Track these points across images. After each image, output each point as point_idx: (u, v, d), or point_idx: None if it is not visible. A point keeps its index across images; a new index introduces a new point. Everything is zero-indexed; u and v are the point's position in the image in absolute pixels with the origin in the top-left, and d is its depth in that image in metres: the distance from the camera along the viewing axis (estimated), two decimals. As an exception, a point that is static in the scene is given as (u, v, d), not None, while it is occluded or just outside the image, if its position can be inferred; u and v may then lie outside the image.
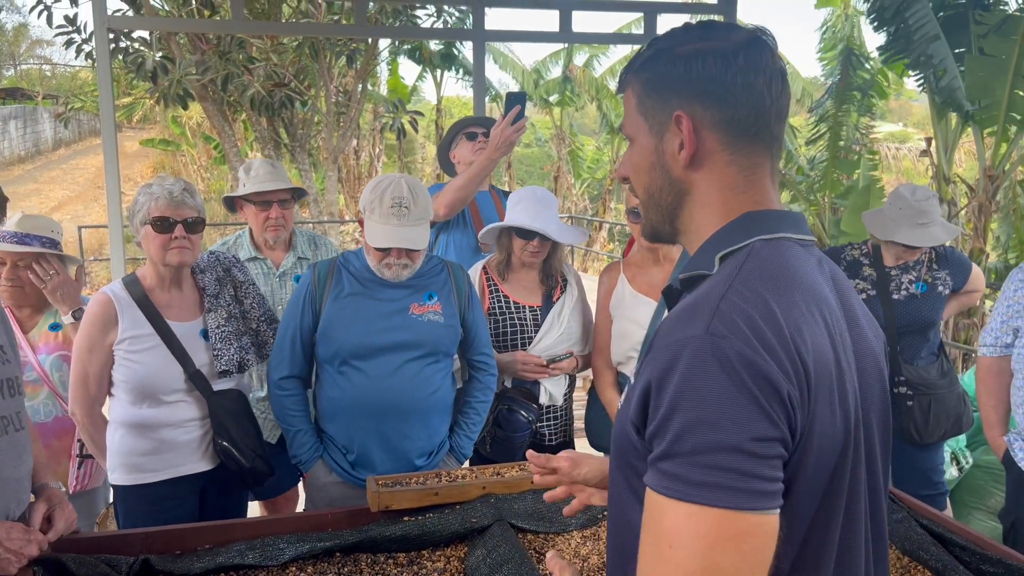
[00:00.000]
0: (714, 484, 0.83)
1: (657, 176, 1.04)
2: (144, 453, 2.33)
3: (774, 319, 0.88)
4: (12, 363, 1.89)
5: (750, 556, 0.84)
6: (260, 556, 1.91)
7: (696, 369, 0.86)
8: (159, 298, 2.36)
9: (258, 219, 2.92)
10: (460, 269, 2.57)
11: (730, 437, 0.84)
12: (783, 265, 0.95)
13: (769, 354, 0.86)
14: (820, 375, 0.89)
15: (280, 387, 2.40)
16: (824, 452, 0.90)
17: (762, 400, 0.84)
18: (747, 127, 0.99)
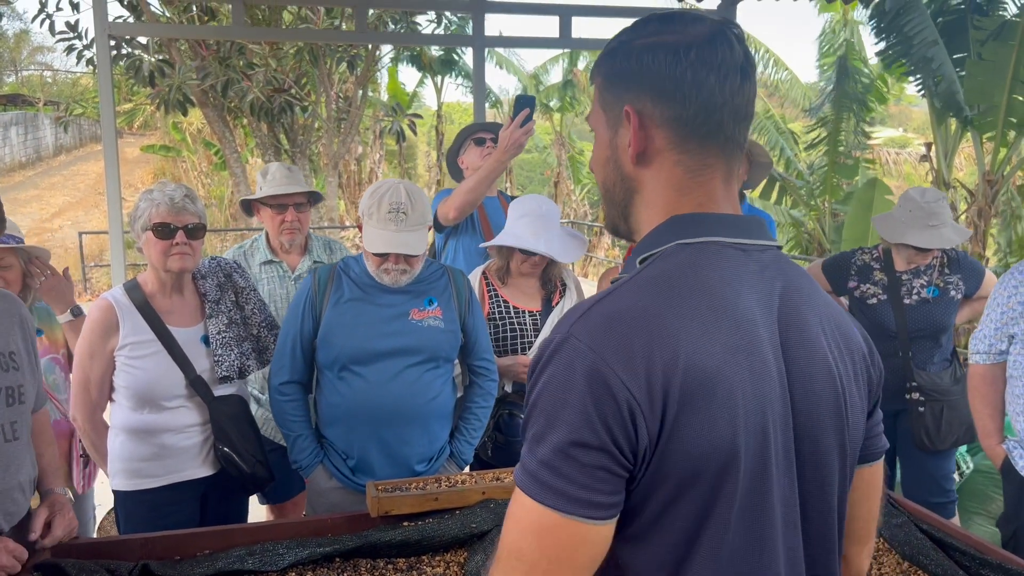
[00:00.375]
0: (532, 475, 0.88)
1: (611, 171, 1.02)
2: (145, 458, 2.33)
3: (644, 328, 0.87)
4: (20, 371, 1.89)
5: (549, 552, 0.88)
6: (260, 561, 1.92)
7: (550, 368, 0.89)
8: (160, 304, 2.36)
9: (274, 222, 2.94)
10: (460, 274, 2.57)
11: (556, 436, 0.87)
12: (690, 269, 0.93)
13: (619, 364, 0.86)
14: (695, 386, 0.87)
15: (281, 392, 2.40)
16: (694, 463, 0.88)
17: (592, 408, 0.85)
18: (697, 126, 0.95)
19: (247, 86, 9.84)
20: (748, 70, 0.96)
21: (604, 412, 0.85)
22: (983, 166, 7.77)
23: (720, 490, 0.89)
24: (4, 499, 1.83)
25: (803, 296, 1.00)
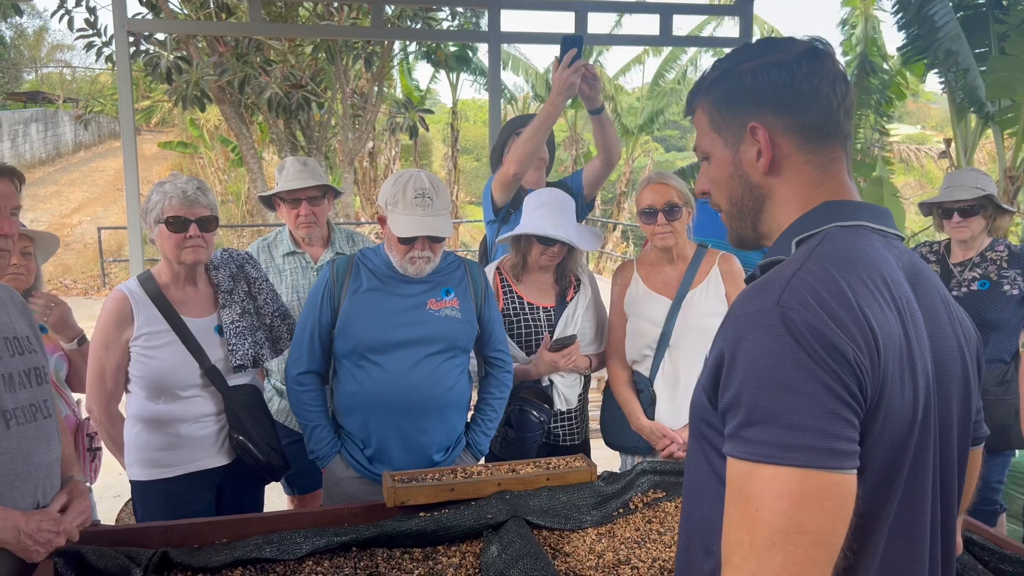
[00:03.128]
0: (793, 445, 0.88)
1: (737, 185, 1.11)
2: (161, 448, 2.35)
3: (843, 294, 0.93)
4: (38, 353, 1.93)
5: (832, 513, 0.88)
6: (277, 550, 1.93)
7: (767, 339, 0.91)
8: (174, 295, 2.38)
9: (290, 216, 2.96)
10: (477, 266, 2.57)
11: (806, 401, 0.88)
12: (856, 248, 1.00)
13: (837, 325, 0.91)
14: (889, 350, 0.93)
15: (298, 383, 2.41)
16: (893, 424, 0.94)
17: (833, 366, 0.89)
18: (819, 128, 1.06)
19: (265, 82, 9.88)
20: (846, 75, 1.09)
21: (843, 370, 0.89)
22: (1004, 162, 7.68)
23: (904, 454, 0.96)
24: (47, 474, 1.87)
25: (930, 284, 1.09)
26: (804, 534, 0.86)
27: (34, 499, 1.84)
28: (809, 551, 0.87)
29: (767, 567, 0.87)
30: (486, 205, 3.46)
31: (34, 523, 1.76)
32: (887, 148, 10.51)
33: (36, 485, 1.85)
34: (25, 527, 1.73)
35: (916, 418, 0.97)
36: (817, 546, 0.87)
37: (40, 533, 1.76)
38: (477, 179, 23.90)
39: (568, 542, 2.05)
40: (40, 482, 1.87)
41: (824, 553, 0.88)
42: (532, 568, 1.77)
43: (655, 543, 2.02)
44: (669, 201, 2.63)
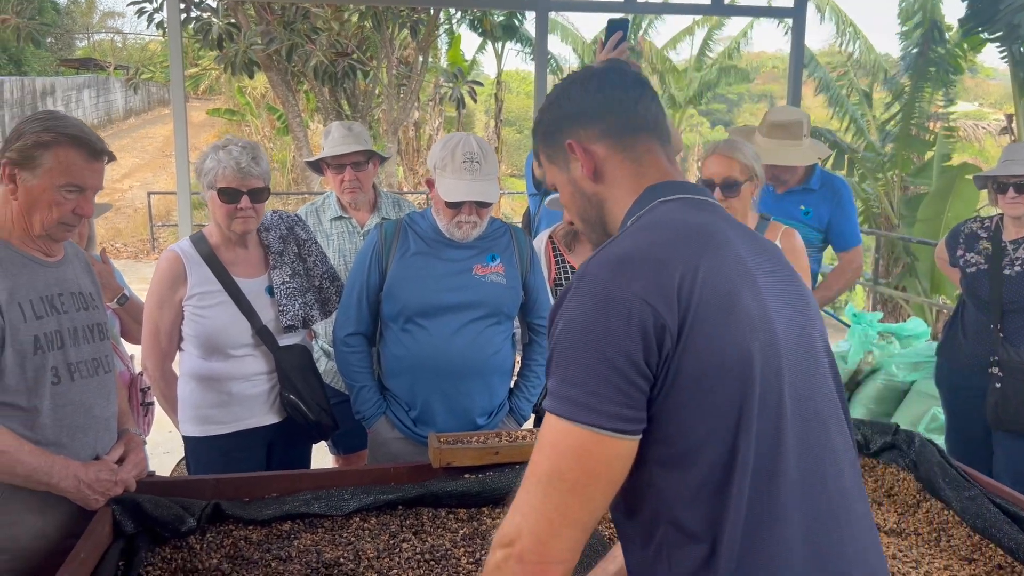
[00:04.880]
0: (565, 398, 1.00)
1: (580, 199, 1.24)
2: (213, 406, 2.40)
3: (647, 255, 1.03)
4: (99, 309, 1.98)
5: (588, 468, 0.99)
6: (325, 506, 1.97)
7: (572, 300, 1.03)
8: (225, 256, 2.41)
9: (335, 181, 2.98)
10: (522, 233, 2.57)
11: (586, 359, 0.99)
12: (679, 215, 1.12)
13: (634, 285, 1.00)
14: (711, 300, 1.01)
15: (346, 344, 2.44)
16: (711, 361, 1.00)
17: (616, 329, 0.99)
18: (623, 128, 1.19)
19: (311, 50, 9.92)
20: (644, 83, 1.23)
21: (638, 337, 0.98)
22: (1067, 138, 7.41)
23: (745, 399, 1.01)
24: (106, 427, 1.94)
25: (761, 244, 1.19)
26: (563, 481, 1.00)
27: (93, 450, 1.90)
28: (564, 497, 1.00)
29: (531, 500, 1.02)
30: (528, 177, 3.45)
31: (93, 473, 1.82)
32: (950, 122, 10.17)
33: (96, 437, 1.91)
34: (84, 476, 1.79)
35: (751, 374, 1.02)
36: (571, 494, 0.99)
37: (98, 483, 1.82)
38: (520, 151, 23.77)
39: (612, 508, 2.05)
40: (99, 434, 1.93)
41: (577, 502, 1.00)
42: (576, 532, 1.78)
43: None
44: (728, 177, 2.49)
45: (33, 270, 1.82)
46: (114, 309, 2.73)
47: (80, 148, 1.78)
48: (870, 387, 4.58)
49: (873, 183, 9.54)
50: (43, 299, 1.82)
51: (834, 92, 10.90)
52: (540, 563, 1.01)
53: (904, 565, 1.77)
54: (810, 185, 3.31)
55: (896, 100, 9.49)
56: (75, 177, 1.78)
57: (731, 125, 29.86)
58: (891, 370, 4.50)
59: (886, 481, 2.18)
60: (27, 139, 1.76)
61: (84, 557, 1.64)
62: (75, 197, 1.80)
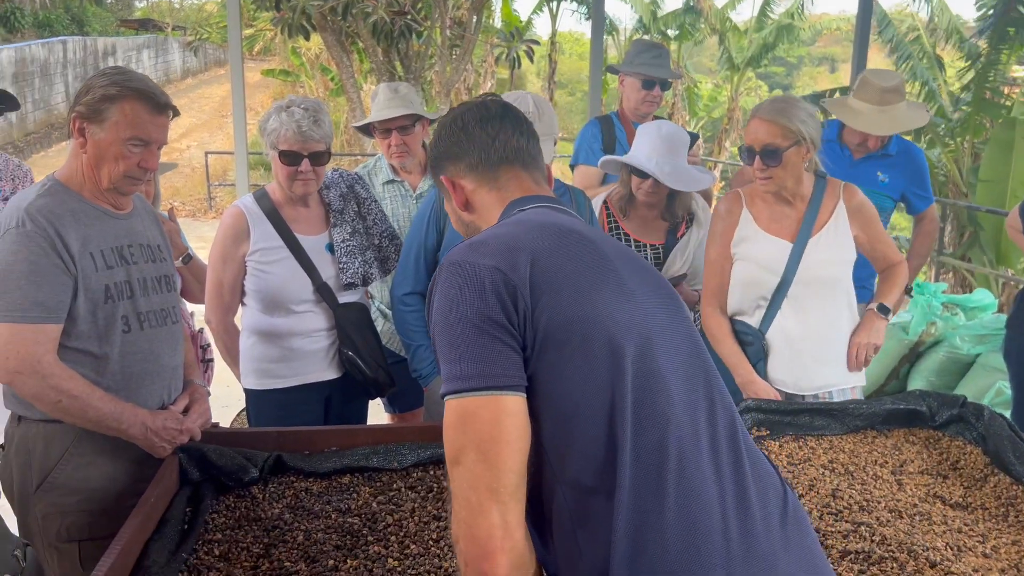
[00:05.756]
0: (447, 375, 1.06)
1: (461, 226, 1.37)
2: (274, 360, 2.45)
3: (505, 240, 1.13)
4: (167, 262, 2.03)
5: (478, 433, 1.03)
6: (384, 460, 1.99)
7: (437, 285, 1.13)
8: (287, 213, 2.44)
9: (383, 146, 2.95)
10: (581, 194, 2.53)
11: (456, 329, 1.06)
12: (534, 216, 1.23)
13: (493, 261, 1.09)
14: (544, 269, 1.10)
15: (403, 303, 2.46)
16: (559, 321, 1.07)
17: (482, 298, 1.06)
18: (483, 163, 1.30)
19: (371, 5, 9.88)
20: (505, 113, 1.34)
21: (492, 298, 1.06)
22: None
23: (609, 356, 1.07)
24: (173, 376, 2.00)
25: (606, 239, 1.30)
26: (465, 454, 1.03)
27: (160, 399, 1.96)
28: (470, 470, 1.02)
29: (454, 479, 1.05)
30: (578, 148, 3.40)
31: (160, 421, 1.87)
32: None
33: (163, 386, 1.97)
34: (152, 424, 1.85)
35: (611, 333, 1.08)
36: (476, 464, 1.02)
37: (165, 430, 1.87)
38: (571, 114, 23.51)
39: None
40: (167, 383, 1.98)
41: (484, 470, 1.02)
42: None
43: (757, 479, 1.99)
44: (769, 144, 2.25)
45: (104, 222, 1.87)
46: (177, 268, 2.79)
47: (145, 102, 1.81)
48: (931, 359, 4.46)
49: (942, 149, 9.19)
50: (113, 250, 1.86)
51: (904, 54, 10.48)
52: (477, 550, 1.01)
53: (970, 539, 1.72)
54: (888, 151, 3.20)
55: (971, 63, 9.08)
56: (140, 131, 1.81)
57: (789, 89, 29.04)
58: (955, 342, 4.36)
59: (951, 454, 2.12)
60: (95, 93, 1.79)
61: (154, 502, 1.69)
62: (140, 151, 1.83)
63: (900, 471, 2.03)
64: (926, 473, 2.03)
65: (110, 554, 1.45)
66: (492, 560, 1.00)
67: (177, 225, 2.69)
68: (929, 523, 1.78)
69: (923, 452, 2.14)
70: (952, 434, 2.20)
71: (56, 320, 1.75)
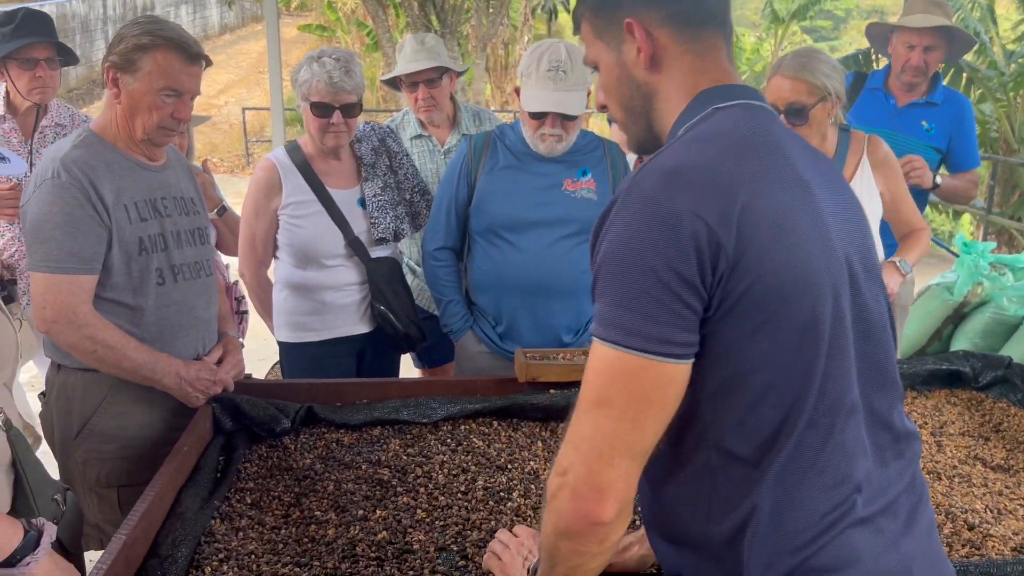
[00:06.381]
0: (613, 323, 0.95)
1: (626, 86, 1.12)
2: (307, 313, 2.46)
3: (702, 169, 0.96)
4: (201, 215, 2.04)
5: (637, 394, 0.95)
6: (414, 413, 2.00)
7: (619, 216, 0.97)
8: (319, 166, 2.42)
9: (410, 99, 2.91)
10: (616, 147, 2.48)
11: (635, 283, 0.93)
12: (734, 126, 1.03)
13: (688, 199, 0.93)
14: (762, 218, 0.95)
15: (434, 258, 2.44)
16: (771, 286, 0.95)
17: (668, 246, 0.92)
18: (692, 16, 1.07)
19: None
20: None
21: (690, 252, 0.92)
22: None
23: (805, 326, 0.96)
24: (207, 328, 2.02)
25: (826, 161, 1.15)
26: (611, 408, 0.96)
27: (195, 350, 1.98)
28: (613, 423, 0.96)
29: (581, 430, 0.99)
30: None
31: (193, 371, 1.89)
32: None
33: (197, 337, 1.99)
34: (186, 374, 1.87)
35: (809, 300, 0.97)
36: (620, 421, 0.96)
37: (199, 381, 1.89)
38: (610, 69, 23.06)
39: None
40: (201, 335, 2.00)
41: (628, 428, 0.96)
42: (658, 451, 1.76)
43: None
44: (794, 102, 2.18)
45: (137, 173, 1.87)
46: (212, 220, 2.80)
47: (177, 51, 1.80)
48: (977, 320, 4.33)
49: (993, 104, 8.86)
50: (147, 202, 1.87)
51: (955, 4, 10.06)
52: (592, 493, 0.98)
53: (1011, 502, 1.68)
54: (933, 98, 3.09)
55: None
56: (173, 81, 1.80)
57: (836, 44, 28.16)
58: (1001, 303, 4.23)
59: (994, 416, 2.07)
60: (127, 43, 1.79)
61: (187, 450, 1.72)
62: (173, 101, 1.82)
63: (940, 432, 1.99)
64: (967, 435, 1.98)
65: (144, 499, 1.48)
66: (604, 507, 0.97)
67: (211, 177, 2.70)
68: (969, 485, 1.74)
69: (965, 414, 2.09)
70: (996, 396, 2.15)
71: (91, 271, 1.77)
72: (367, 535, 1.52)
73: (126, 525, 1.39)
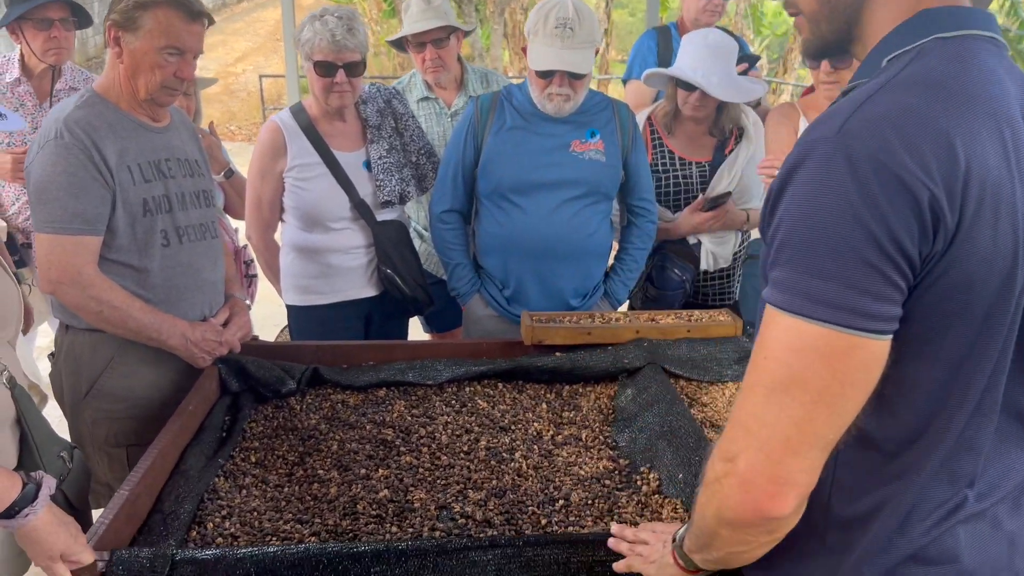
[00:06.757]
0: (815, 296, 0.81)
1: None
2: (314, 276, 2.46)
3: (926, 125, 0.80)
4: (205, 177, 2.04)
5: (843, 376, 0.82)
6: (419, 375, 2.01)
7: (819, 170, 0.81)
8: (324, 128, 2.41)
9: (417, 61, 2.88)
10: (625, 108, 2.44)
11: (843, 248, 0.79)
12: (956, 70, 0.85)
13: (910, 157, 0.79)
14: (982, 190, 0.81)
15: (441, 220, 2.43)
16: (978, 272, 0.83)
17: (888, 210, 0.78)
18: None
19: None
20: None
21: (903, 213, 0.79)
22: None
23: (997, 307, 0.85)
24: (213, 290, 2.03)
25: None
26: (806, 392, 0.83)
27: (201, 312, 1.99)
28: (807, 409, 0.83)
29: (762, 414, 0.86)
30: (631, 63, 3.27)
31: (199, 332, 1.90)
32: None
33: (203, 299, 2.00)
34: (191, 335, 1.88)
35: (1016, 270, 0.84)
36: (817, 405, 0.83)
37: (204, 342, 1.91)
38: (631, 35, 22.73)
39: (706, 393, 2.01)
40: (208, 297, 2.01)
41: (824, 414, 0.83)
42: (667, 413, 1.75)
43: (798, 401, 1.94)
44: None
45: (141, 134, 1.87)
46: (219, 183, 2.80)
47: (178, 9, 1.78)
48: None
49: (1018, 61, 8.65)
50: (151, 163, 1.87)
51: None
52: (770, 486, 0.86)
53: None
54: None
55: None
56: (174, 39, 1.79)
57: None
58: None
59: None
60: (128, 1, 1.77)
61: (192, 409, 1.74)
62: (176, 60, 1.81)
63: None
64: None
65: (147, 456, 1.50)
66: (782, 502, 0.86)
67: (217, 140, 2.70)
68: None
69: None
70: None
71: (95, 232, 1.78)
72: (369, 493, 1.53)
73: (129, 481, 1.41)
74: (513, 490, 1.55)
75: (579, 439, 1.78)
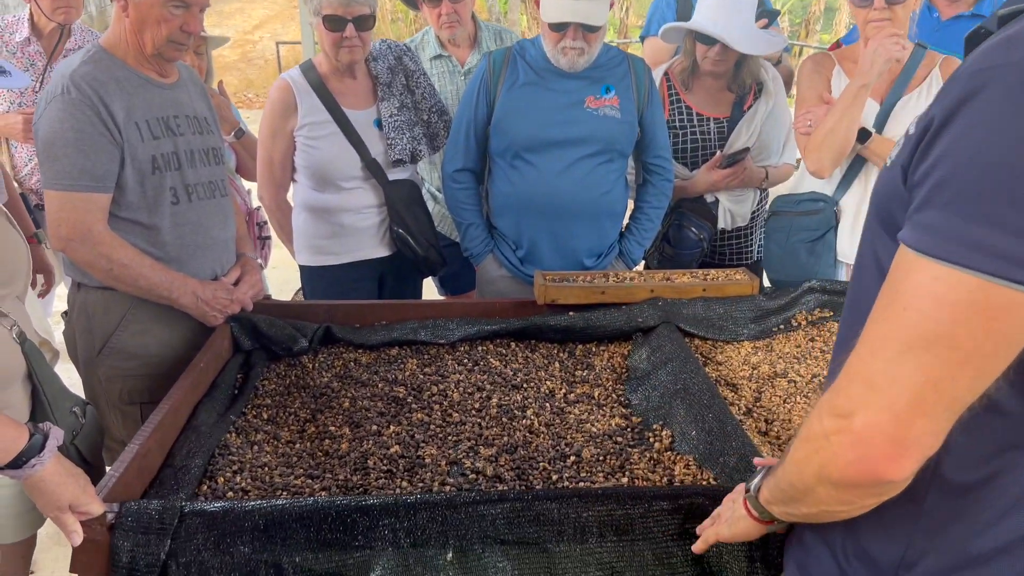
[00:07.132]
0: (980, 243, 0.70)
1: None
2: (326, 236, 2.44)
3: None
4: (214, 135, 2.01)
5: (999, 336, 0.72)
6: (431, 334, 1.99)
7: (1000, 101, 0.70)
8: (334, 86, 2.37)
9: (432, 16, 2.82)
10: (641, 63, 2.38)
11: (1016, 186, 0.68)
12: None
13: None
14: None
15: (454, 180, 2.40)
16: None
17: None
18: None
19: None
20: None
21: None
22: None
23: None
24: (224, 249, 2.02)
25: None
26: (954, 350, 0.73)
27: (212, 271, 1.98)
28: (951, 369, 0.74)
29: (893, 370, 0.75)
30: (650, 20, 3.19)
31: (210, 291, 1.90)
32: None
33: (214, 258, 1.99)
34: (202, 294, 1.88)
35: None
36: (964, 366, 0.74)
37: (216, 300, 1.90)
38: None
39: (721, 352, 1.98)
40: (218, 255, 2.00)
41: (970, 376, 0.74)
42: (680, 371, 1.73)
43: (816, 360, 1.91)
44: None
45: (149, 91, 1.85)
46: (230, 143, 2.79)
47: None
48: None
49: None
50: (159, 120, 1.85)
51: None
52: (890, 448, 0.78)
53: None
54: (980, 9, 2.89)
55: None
56: None
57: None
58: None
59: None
60: None
61: (204, 367, 1.74)
62: (182, 13, 1.79)
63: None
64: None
65: (158, 412, 1.50)
66: (901, 464, 0.79)
67: (227, 99, 2.68)
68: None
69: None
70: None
71: (104, 189, 1.77)
72: (380, 449, 1.53)
73: (139, 436, 1.41)
74: (524, 446, 1.54)
75: (591, 397, 1.76)
